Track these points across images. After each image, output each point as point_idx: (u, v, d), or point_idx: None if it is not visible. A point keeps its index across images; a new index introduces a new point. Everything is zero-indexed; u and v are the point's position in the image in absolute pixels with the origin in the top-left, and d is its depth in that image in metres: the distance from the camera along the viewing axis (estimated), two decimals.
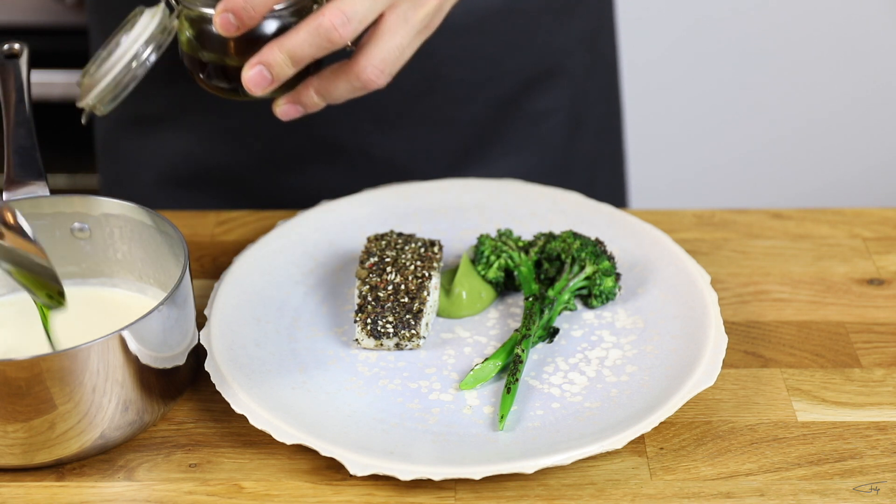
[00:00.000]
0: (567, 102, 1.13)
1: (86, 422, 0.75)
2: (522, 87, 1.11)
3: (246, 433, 0.80)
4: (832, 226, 1.00)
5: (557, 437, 0.77)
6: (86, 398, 0.74)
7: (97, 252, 0.87)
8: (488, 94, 1.10)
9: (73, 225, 0.86)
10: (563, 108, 1.13)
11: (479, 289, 0.89)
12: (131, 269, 0.87)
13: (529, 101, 1.11)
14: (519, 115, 1.12)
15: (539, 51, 1.10)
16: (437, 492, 0.75)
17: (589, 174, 1.18)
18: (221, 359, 0.82)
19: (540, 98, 1.12)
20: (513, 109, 1.11)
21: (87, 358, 0.73)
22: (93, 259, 0.87)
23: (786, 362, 0.86)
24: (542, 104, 1.12)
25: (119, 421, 0.76)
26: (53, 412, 0.73)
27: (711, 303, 0.86)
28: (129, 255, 0.86)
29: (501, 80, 1.09)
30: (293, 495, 0.75)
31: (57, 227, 0.86)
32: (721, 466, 0.77)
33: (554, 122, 1.13)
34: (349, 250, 0.94)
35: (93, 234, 0.86)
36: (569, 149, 1.15)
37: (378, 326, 0.84)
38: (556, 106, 1.13)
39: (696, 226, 1.00)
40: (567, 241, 0.89)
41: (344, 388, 0.82)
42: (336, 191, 1.02)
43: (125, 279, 0.87)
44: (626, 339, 0.86)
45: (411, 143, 1.10)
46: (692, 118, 1.87)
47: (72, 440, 0.75)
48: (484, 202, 0.98)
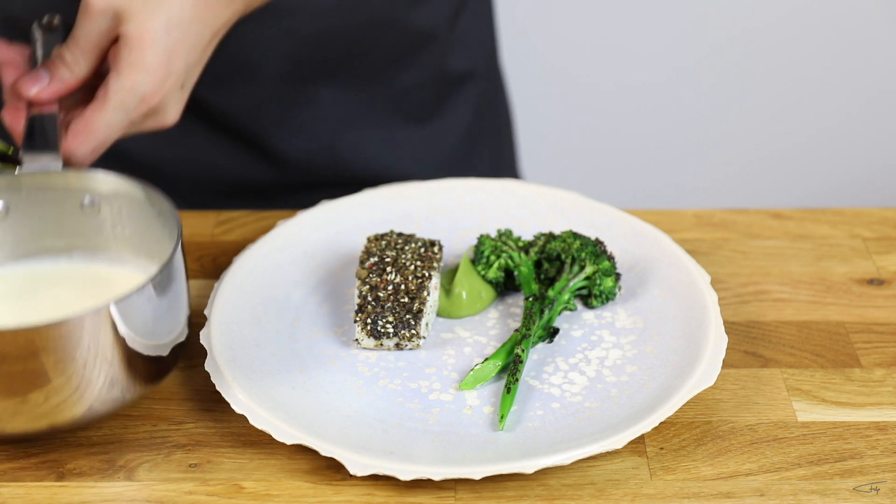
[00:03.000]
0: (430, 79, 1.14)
1: (76, 391, 0.74)
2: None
3: (246, 433, 0.80)
4: (832, 226, 1.00)
5: (557, 437, 0.77)
6: (77, 372, 0.74)
7: (105, 228, 0.86)
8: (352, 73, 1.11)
9: (84, 199, 0.86)
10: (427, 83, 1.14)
11: (479, 289, 0.89)
12: (138, 248, 0.86)
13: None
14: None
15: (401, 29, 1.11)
16: (437, 492, 0.75)
17: (466, 148, 1.19)
18: (221, 359, 0.82)
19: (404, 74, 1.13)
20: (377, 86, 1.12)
21: (79, 330, 0.73)
22: (101, 235, 0.87)
23: (786, 362, 0.86)
24: (408, 80, 1.13)
25: (106, 393, 0.76)
26: (43, 381, 0.73)
27: (711, 303, 0.86)
28: (136, 234, 0.86)
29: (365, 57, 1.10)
30: (293, 495, 0.75)
31: (67, 200, 0.85)
32: (721, 466, 0.77)
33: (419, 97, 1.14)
34: (349, 250, 0.94)
35: (101, 209, 0.86)
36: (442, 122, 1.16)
37: (378, 326, 0.84)
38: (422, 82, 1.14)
39: (696, 226, 1.00)
40: (567, 241, 0.89)
41: (344, 388, 0.82)
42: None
43: (132, 257, 0.87)
44: (626, 339, 0.86)
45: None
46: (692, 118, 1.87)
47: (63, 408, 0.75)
48: (484, 202, 0.98)
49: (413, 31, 1.11)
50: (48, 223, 0.86)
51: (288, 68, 1.08)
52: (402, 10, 1.09)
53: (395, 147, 1.14)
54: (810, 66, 1.83)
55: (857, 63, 1.82)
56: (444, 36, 1.13)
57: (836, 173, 1.92)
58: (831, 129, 1.88)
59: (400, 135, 1.14)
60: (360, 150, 1.13)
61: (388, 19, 1.09)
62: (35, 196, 0.85)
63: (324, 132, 1.12)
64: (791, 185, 1.93)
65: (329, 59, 1.09)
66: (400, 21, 1.09)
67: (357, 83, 1.11)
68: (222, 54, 0.99)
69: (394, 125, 1.14)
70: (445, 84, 1.15)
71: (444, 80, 1.15)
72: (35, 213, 0.85)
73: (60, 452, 0.79)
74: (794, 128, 1.89)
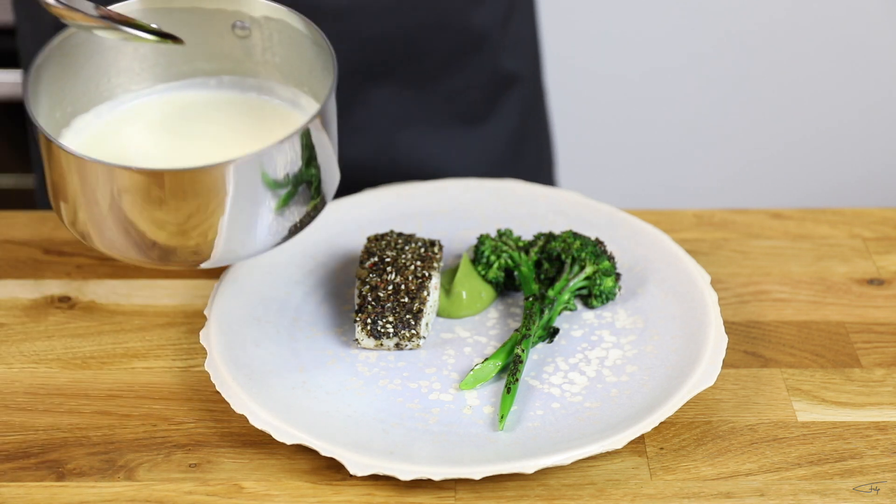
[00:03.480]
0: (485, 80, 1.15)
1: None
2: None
3: (246, 433, 0.80)
4: (832, 226, 1.00)
5: (557, 437, 0.77)
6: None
7: (255, 53, 0.87)
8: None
9: (235, 23, 0.85)
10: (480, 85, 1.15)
11: (479, 289, 0.89)
12: (287, 76, 0.86)
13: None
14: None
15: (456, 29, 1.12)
16: (437, 492, 0.75)
17: (514, 148, 1.20)
18: (221, 359, 0.82)
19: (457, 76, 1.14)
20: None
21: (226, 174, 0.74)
22: (251, 60, 0.87)
23: (786, 362, 0.86)
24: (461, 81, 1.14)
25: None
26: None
27: (711, 303, 0.86)
28: (286, 62, 0.86)
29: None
30: (293, 495, 0.75)
31: (218, 22, 0.86)
32: (721, 466, 0.77)
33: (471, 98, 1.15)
34: (349, 250, 0.94)
35: (252, 34, 0.86)
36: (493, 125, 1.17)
37: (378, 326, 0.84)
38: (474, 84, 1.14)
39: (696, 226, 1.00)
40: (567, 241, 0.89)
41: (344, 388, 0.82)
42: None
43: (280, 85, 0.87)
44: (626, 339, 0.86)
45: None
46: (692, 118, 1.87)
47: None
48: (484, 202, 0.98)
49: (469, 32, 1.11)
50: (199, 46, 0.86)
51: (348, 69, 1.08)
52: (461, 9, 1.10)
53: (448, 148, 1.15)
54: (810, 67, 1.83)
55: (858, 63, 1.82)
56: (498, 37, 1.14)
57: (836, 173, 1.92)
58: (831, 129, 1.88)
59: (452, 135, 1.15)
60: (413, 150, 1.14)
61: (447, 19, 1.09)
62: (187, 18, 0.85)
63: (379, 132, 1.13)
64: (791, 185, 1.93)
65: (388, 59, 1.10)
66: (458, 21, 1.10)
67: (412, 83, 1.12)
68: None
69: (447, 126, 1.15)
70: (497, 86, 1.16)
71: (495, 81, 1.16)
72: (186, 35, 0.84)
73: (60, 452, 0.79)
74: (794, 128, 1.89)
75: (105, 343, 0.88)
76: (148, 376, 0.85)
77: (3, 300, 0.92)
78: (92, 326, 0.89)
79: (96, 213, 0.77)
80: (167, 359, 0.86)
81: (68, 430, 0.80)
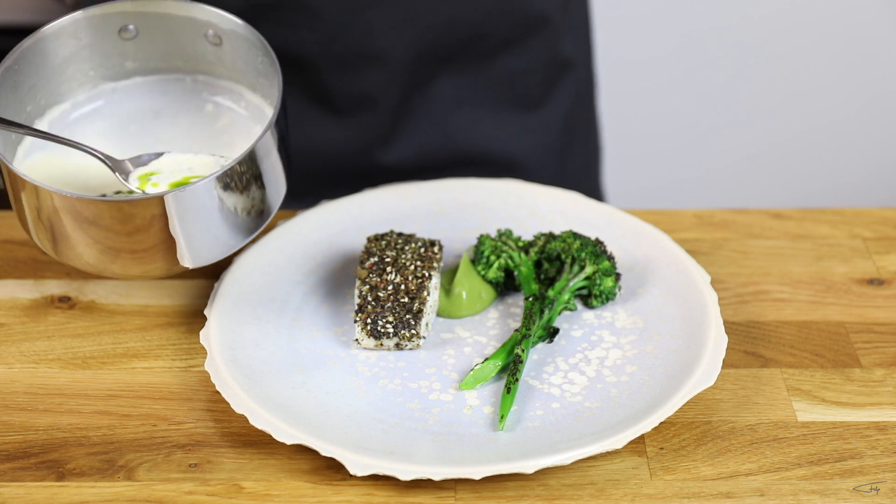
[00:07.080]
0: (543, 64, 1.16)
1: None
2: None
3: (246, 433, 0.80)
4: (832, 226, 1.00)
5: (557, 437, 0.77)
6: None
7: (226, 60, 0.92)
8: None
9: (207, 32, 0.90)
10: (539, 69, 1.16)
11: (479, 289, 0.89)
12: (254, 87, 0.92)
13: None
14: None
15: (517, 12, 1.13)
16: (437, 492, 0.75)
17: (563, 142, 1.20)
18: (221, 359, 0.82)
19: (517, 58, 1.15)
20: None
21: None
22: (223, 66, 0.92)
23: (786, 362, 0.86)
24: (520, 63, 1.15)
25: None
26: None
27: (711, 303, 0.86)
28: (252, 73, 0.91)
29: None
30: (293, 495, 0.75)
31: (192, 29, 0.91)
32: (721, 466, 0.77)
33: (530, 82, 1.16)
34: (349, 250, 0.94)
35: (224, 42, 0.90)
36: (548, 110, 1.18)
37: (378, 326, 0.84)
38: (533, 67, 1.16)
39: (696, 226, 1.00)
40: (567, 241, 0.89)
41: (344, 388, 0.82)
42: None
43: (249, 92, 0.92)
44: (626, 339, 0.86)
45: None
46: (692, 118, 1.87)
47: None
48: (484, 202, 0.98)
49: (531, 15, 1.12)
50: (175, 46, 0.91)
51: (412, 53, 1.09)
52: None
53: (505, 131, 1.16)
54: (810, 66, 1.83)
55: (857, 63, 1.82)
56: (558, 21, 1.14)
57: (836, 173, 1.92)
58: (831, 129, 1.88)
59: (509, 119, 1.16)
60: (472, 132, 1.15)
61: (509, 3, 1.10)
62: (162, 21, 0.90)
63: (439, 115, 1.13)
64: (791, 185, 1.93)
65: (450, 43, 1.10)
66: (520, 4, 1.10)
67: (472, 67, 1.12)
68: (348, 41, 1.01)
69: (504, 109, 1.15)
70: (555, 70, 1.17)
71: (553, 66, 1.16)
72: (162, 36, 0.91)
73: (60, 452, 0.79)
74: (794, 127, 1.89)
75: (105, 343, 0.88)
76: (148, 376, 0.85)
77: (3, 300, 0.92)
78: (92, 326, 0.89)
79: (58, 233, 0.82)
80: (167, 359, 0.86)
81: (68, 430, 0.80)
